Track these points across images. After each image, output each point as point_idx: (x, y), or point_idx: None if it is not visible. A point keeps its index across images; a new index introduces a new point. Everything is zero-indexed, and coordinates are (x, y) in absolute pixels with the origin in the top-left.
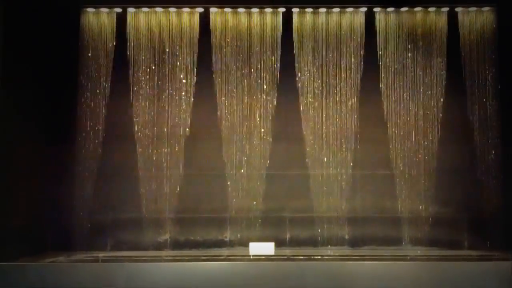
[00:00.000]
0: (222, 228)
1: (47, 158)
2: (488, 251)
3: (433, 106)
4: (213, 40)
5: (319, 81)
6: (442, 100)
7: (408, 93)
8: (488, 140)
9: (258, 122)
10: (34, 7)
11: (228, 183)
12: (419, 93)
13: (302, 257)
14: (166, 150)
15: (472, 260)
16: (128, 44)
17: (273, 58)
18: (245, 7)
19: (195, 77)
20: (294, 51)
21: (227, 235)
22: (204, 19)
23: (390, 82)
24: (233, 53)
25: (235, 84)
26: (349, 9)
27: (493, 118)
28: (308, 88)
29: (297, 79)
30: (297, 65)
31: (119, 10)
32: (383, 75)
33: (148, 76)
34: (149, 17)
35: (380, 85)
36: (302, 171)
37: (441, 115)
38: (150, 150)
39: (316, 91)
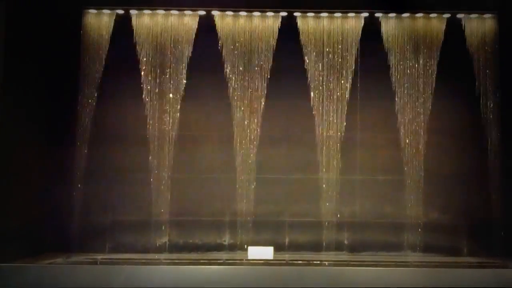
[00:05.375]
0: (221, 231)
1: (46, 159)
2: (488, 258)
3: (433, 111)
4: (216, 42)
5: (321, 85)
6: (442, 105)
7: (409, 99)
8: (489, 146)
9: (259, 126)
10: (35, 8)
11: (228, 186)
12: (420, 98)
13: (301, 262)
14: (166, 152)
15: (471, 267)
16: (129, 45)
17: (275, 61)
18: (246, 11)
19: (196, 80)
20: (297, 55)
21: (226, 239)
22: (206, 21)
23: (392, 87)
24: (235, 56)
25: (237, 86)
26: (351, 14)
27: (494, 124)
28: (310, 92)
29: (299, 82)
30: (299, 68)
31: (121, 11)
32: (385, 80)
33: (149, 78)
34: (151, 19)
35: (382, 90)
36: (302, 175)
37: (441, 120)
38: (150, 152)
39: (317, 95)
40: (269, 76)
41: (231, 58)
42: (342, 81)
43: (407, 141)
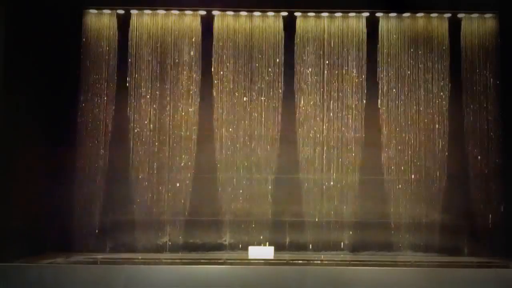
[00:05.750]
0: (221, 231)
1: (47, 159)
2: (489, 258)
3: (434, 112)
4: (215, 42)
5: (321, 86)
6: (444, 106)
7: (409, 99)
8: (490, 147)
9: (259, 126)
10: (36, 8)
11: (228, 186)
12: (421, 99)
13: (301, 261)
14: (167, 153)
15: (472, 267)
16: (129, 45)
17: (274, 61)
18: (247, 11)
19: (196, 80)
20: (296, 55)
21: (226, 239)
22: (207, 21)
23: (391, 88)
24: (235, 56)
25: (236, 87)
26: (352, 14)
27: (495, 125)
28: (310, 93)
29: (298, 83)
30: (298, 69)
31: (121, 11)
32: (384, 81)
33: (149, 78)
34: (151, 19)
35: (382, 91)
36: (302, 175)
37: (443, 121)
38: (150, 153)
39: (317, 96)
40: (270, 77)
41: (233, 59)
42: (343, 82)
43: (409, 142)
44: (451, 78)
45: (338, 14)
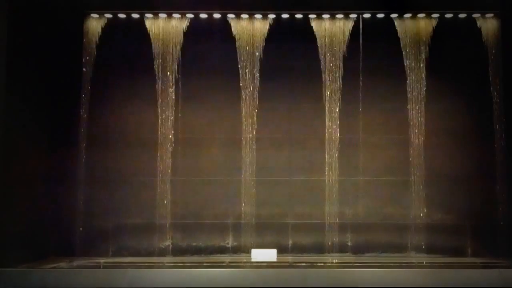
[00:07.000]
0: (224, 234)
1: (49, 163)
2: (492, 258)
3: (435, 112)
4: (214, 44)
5: (321, 86)
6: (445, 106)
7: (410, 99)
8: (492, 146)
9: (261, 128)
10: (38, 13)
11: (230, 188)
12: (421, 99)
13: (304, 264)
14: (168, 155)
15: (476, 267)
16: (131, 48)
17: (270, 61)
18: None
19: (198, 81)
20: (296, 56)
21: (229, 241)
22: (208, 24)
23: (392, 87)
24: (231, 57)
25: (235, 89)
26: (353, 15)
27: (497, 124)
28: (310, 94)
29: (298, 83)
30: (298, 69)
31: (122, 15)
32: (385, 80)
33: (150, 81)
34: (152, 22)
35: (384, 90)
36: (305, 177)
37: (444, 121)
38: (152, 155)
39: (318, 97)
40: (270, 77)
41: (230, 60)
42: (344, 83)
43: (410, 142)
44: (453, 78)
45: (340, 16)
